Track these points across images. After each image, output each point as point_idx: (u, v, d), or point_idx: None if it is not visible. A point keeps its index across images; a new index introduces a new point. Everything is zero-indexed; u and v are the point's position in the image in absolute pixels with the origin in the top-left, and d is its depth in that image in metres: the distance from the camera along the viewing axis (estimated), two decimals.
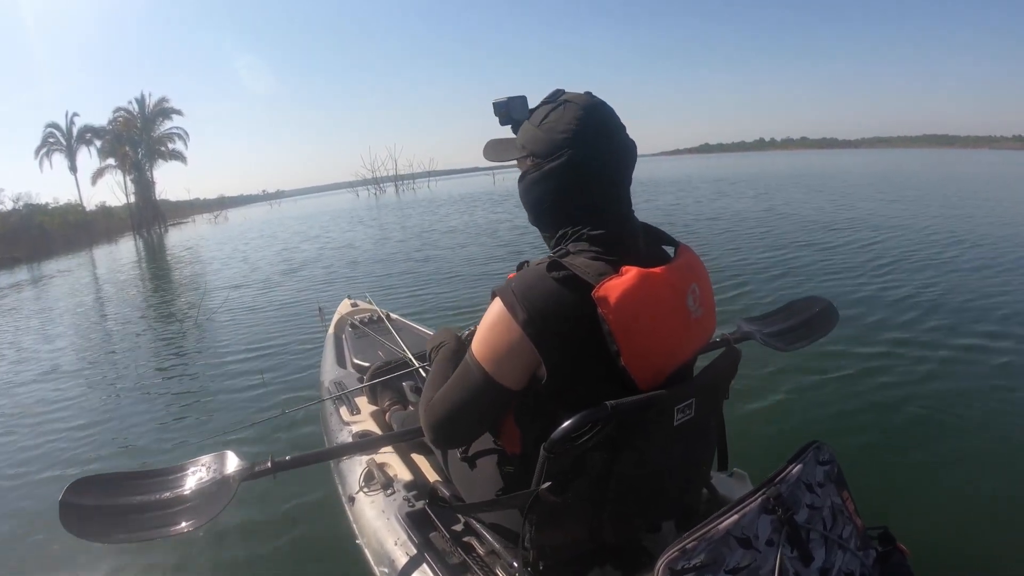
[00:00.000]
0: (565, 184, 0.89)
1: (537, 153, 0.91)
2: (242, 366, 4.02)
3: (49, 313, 7.42)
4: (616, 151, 0.90)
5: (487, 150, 1.04)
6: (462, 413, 0.94)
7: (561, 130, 0.88)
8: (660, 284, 0.85)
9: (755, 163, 36.63)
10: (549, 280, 0.85)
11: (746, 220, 9.59)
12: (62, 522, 1.03)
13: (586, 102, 0.90)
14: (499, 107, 0.96)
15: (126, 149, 26.16)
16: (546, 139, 0.89)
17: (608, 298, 0.81)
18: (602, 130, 0.89)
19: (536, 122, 0.92)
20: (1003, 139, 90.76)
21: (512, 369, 0.88)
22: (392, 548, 1.25)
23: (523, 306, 0.84)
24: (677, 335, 0.88)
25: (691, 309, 0.88)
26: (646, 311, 0.83)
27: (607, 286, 0.81)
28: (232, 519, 2.00)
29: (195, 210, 39.67)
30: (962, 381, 2.85)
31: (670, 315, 0.86)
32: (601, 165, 0.89)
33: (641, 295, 0.82)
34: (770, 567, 0.79)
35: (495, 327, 0.87)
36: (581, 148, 0.87)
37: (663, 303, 0.85)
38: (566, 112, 0.89)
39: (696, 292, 0.90)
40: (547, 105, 0.92)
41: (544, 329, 0.83)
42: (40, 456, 2.82)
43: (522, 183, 0.95)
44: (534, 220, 0.98)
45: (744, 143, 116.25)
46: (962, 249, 6.16)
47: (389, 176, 43.33)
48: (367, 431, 1.72)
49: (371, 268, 8.13)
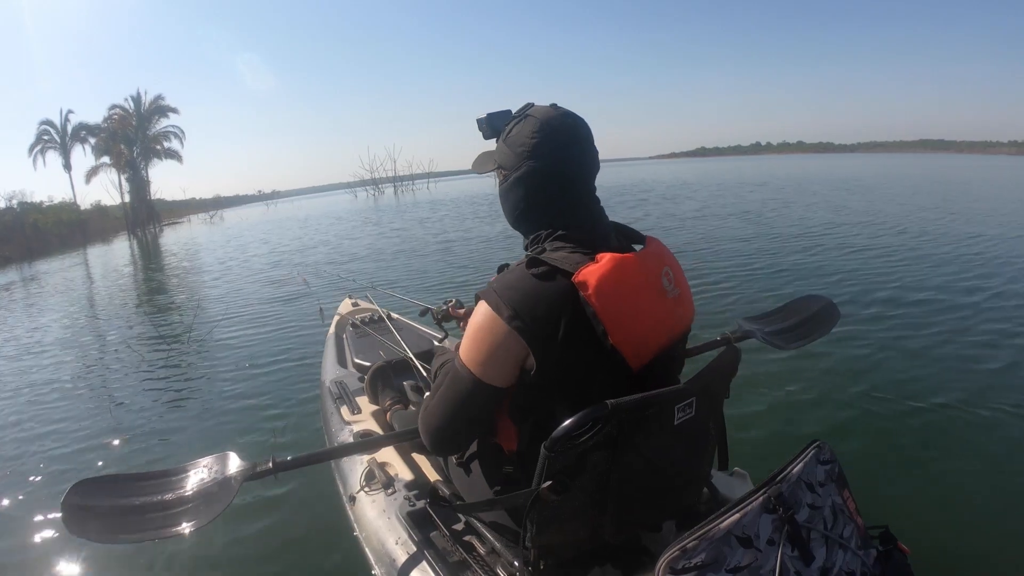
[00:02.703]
0: (531, 191, 0.98)
1: (504, 165, 1.00)
2: (242, 367, 4.00)
3: (41, 315, 7.36)
4: (574, 159, 0.97)
5: (475, 163, 1.13)
6: (454, 419, 0.98)
7: (521, 143, 0.97)
8: (634, 267, 0.90)
9: (766, 167, 36.37)
10: (530, 277, 0.90)
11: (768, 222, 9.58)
12: (64, 523, 1.03)
13: (545, 115, 0.97)
14: (480, 124, 1.07)
15: (121, 147, 25.97)
16: (510, 152, 0.99)
17: (588, 282, 0.86)
18: (560, 140, 0.96)
19: (503, 137, 1.01)
20: (999, 144, 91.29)
21: (501, 368, 0.91)
22: (393, 547, 1.25)
23: (507, 303, 0.88)
24: (658, 313, 0.93)
25: (667, 288, 0.94)
26: (625, 291, 0.88)
27: (585, 271, 0.87)
28: (233, 518, 2.00)
29: (190, 210, 39.44)
30: (964, 381, 2.86)
31: (648, 294, 0.91)
32: (560, 173, 0.96)
33: (618, 276, 0.87)
34: (771, 566, 0.79)
35: (481, 329, 0.91)
36: (539, 159, 0.95)
37: (640, 283, 0.91)
38: (525, 126, 0.97)
39: (670, 274, 0.95)
40: (513, 120, 1.00)
41: (530, 321, 0.87)
42: (39, 461, 2.79)
43: (500, 190, 1.04)
44: (512, 224, 1.06)
45: (740, 147, 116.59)
46: (966, 251, 6.19)
47: (388, 177, 43.16)
48: (368, 430, 1.72)
49: (371, 268, 8.12)
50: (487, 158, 1.07)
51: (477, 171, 1.11)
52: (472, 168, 1.14)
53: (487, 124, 1.06)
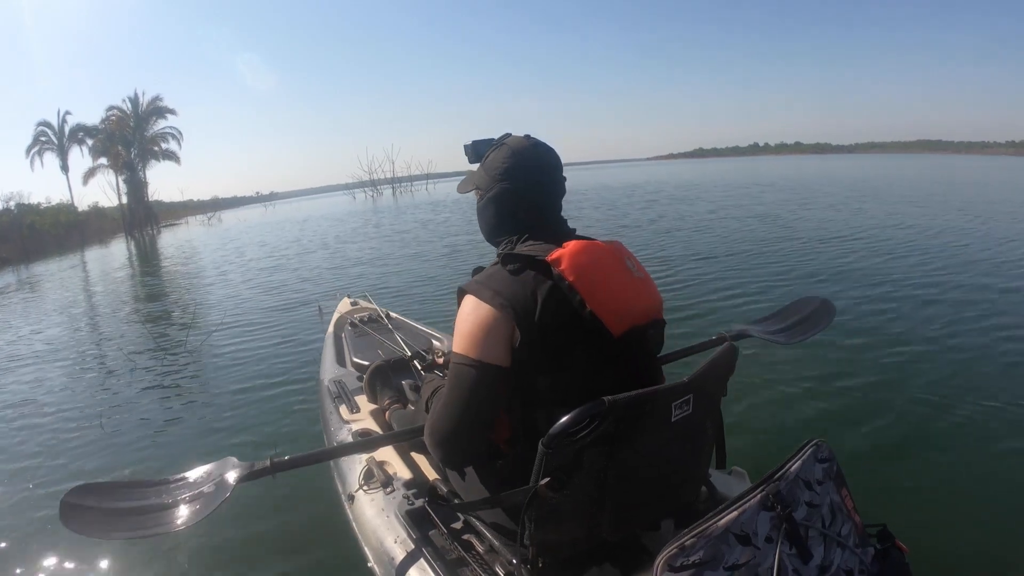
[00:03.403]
0: (502, 208, 1.10)
1: (481, 186, 1.14)
2: (241, 367, 4.00)
3: (38, 319, 7.34)
4: (543, 182, 1.10)
5: (459, 185, 1.26)
6: (463, 416, 0.98)
7: (496, 167, 1.10)
8: (600, 249, 1.02)
9: (769, 168, 35.90)
10: (505, 272, 1.00)
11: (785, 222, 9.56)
12: (62, 520, 1.06)
13: (517, 145, 1.11)
14: (466, 149, 1.20)
15: (118, 148, 25.91)
16: (486, 176, 1.12)
17: (561, 258, 0.96)
18: (531, 166, 1.09)
19: (482, 162, 1.15)
20: (996, 144, 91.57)
21: (495, 346, 0.96)
22: (392, 546, 1.25)
23: (488, 288, 0.98)
24: (626, 287, 1.01)
25: (631, 269, 1.04)
26: (596, 266, 0.98)
27: (557, 252, 0.97)
28: (232, 518, 1.99)
29: (188, 211, 39.32)
30: (963, 380, 2.87)
31: (616, 270, 1.01)
32: (527, 193, 1.09)
33: (587, 254, 0.98)
34: (769, 564, 0.79)
35: (470, 315, 0.98)
36: (511, 181, 1.09)
37: (608, 262, 1.01)
38: (500, 153, 1.11)
39: (632, 260, 1.06)
40: (492, 148, 1.14)
41: (511, 299, 0.95)
42: (33, 466, 2.77)
43: (478, 208, 1.17)
44: (487, 237, 1.18)
45: (738, 148, 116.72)
46: (965, 249, 6.21)
47: (386, 178, 43.07)
48: (367, 429, 1.72)
49: (370, 267, 8.11)
50: (469, 180, 1.20)
51: (460, 191, 1.24)
52: (457, 190, 1.27)
53: (472, 150, 1.19)
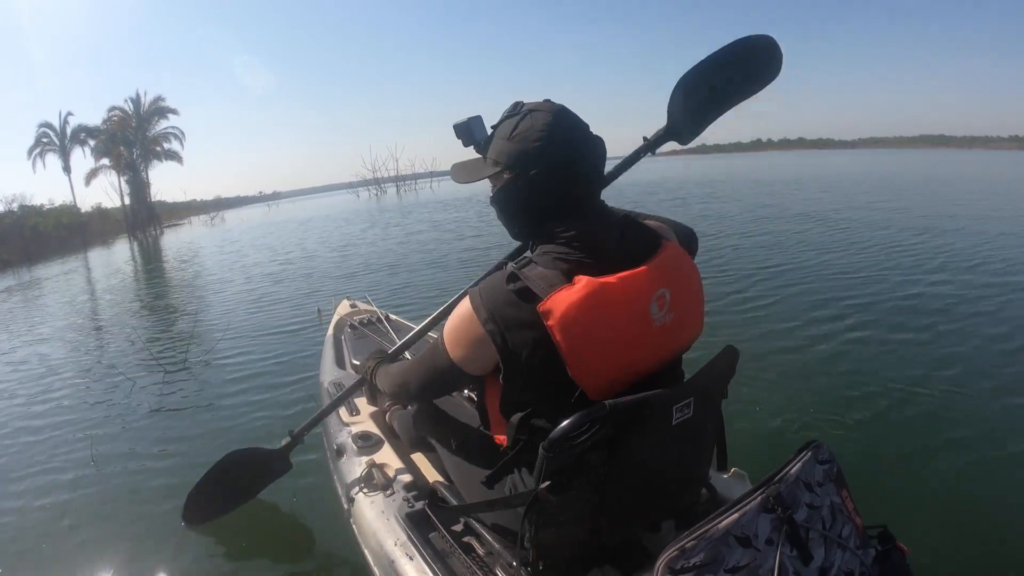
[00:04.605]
0: (546, 188, 0.92)
1: (513, 165, 0.93)
2: (240, 368, 4.00)
3: (42, 320, 7.36)
4: (588, 149, 0.93)
5: (455, 174, 1.08)
6: (427, 386, 1.11)
7: (535, 138, 0.90)
8: (613, 293, 0.84)
9: (780, 164, 34.53)
10: (507, 291, 0.89)
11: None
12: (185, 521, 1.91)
13: (552, 108, 0.93)
14: (460, 128, 1.02)
15: (120, 149, 25.93)
16: (520, 149, 0.92)
17: (553, 312, 0.83)
18: (573, 131, 0.92)
19: (506, 135, 0.94)
20: (999, 139, 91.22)
21: (474, 361, 0.95)
22: (392, 549, 1.25)
23: (485, 308, 0.90)
24: (633, 347, 0.87)
25: (654, 316, 0.87)
26: (594, 323, 0.83)
27: (554, 299, 0.83)
28: (232, 520, 2.00)
29: (191, 211, 39.34)
30: (964, 381, 2.85)
31: (624, 325, 0.85)
32: (576, 164, 0.92)
33: (588, 306, 0.83)
34: (770, 566, 0.79)
35: (462, 322, 0.94)
36: (556, 152, 0.90)
37: (614, 314, 0.84)
38: (535, 120, 0.91)
39: (666, 297, 0.88)
40: (513, 118, 0.94)
41: (503, 331, 0.89)
42: (39, 471, 2.78)
43: (499, 197, 0.98)
44: (517, 230, 1.02)
45: (741, 143, 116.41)
46: (966, 248, 6.17)
47: (390, 176, 42.94)
48: (367, 432, 1.72)
49: (370, 268, 8.10)
50: (474, 165, 1.03)
51: (463, 181, 1.05)
52: (454, 178, 1.08)
53: (464, 131, 1.03)
